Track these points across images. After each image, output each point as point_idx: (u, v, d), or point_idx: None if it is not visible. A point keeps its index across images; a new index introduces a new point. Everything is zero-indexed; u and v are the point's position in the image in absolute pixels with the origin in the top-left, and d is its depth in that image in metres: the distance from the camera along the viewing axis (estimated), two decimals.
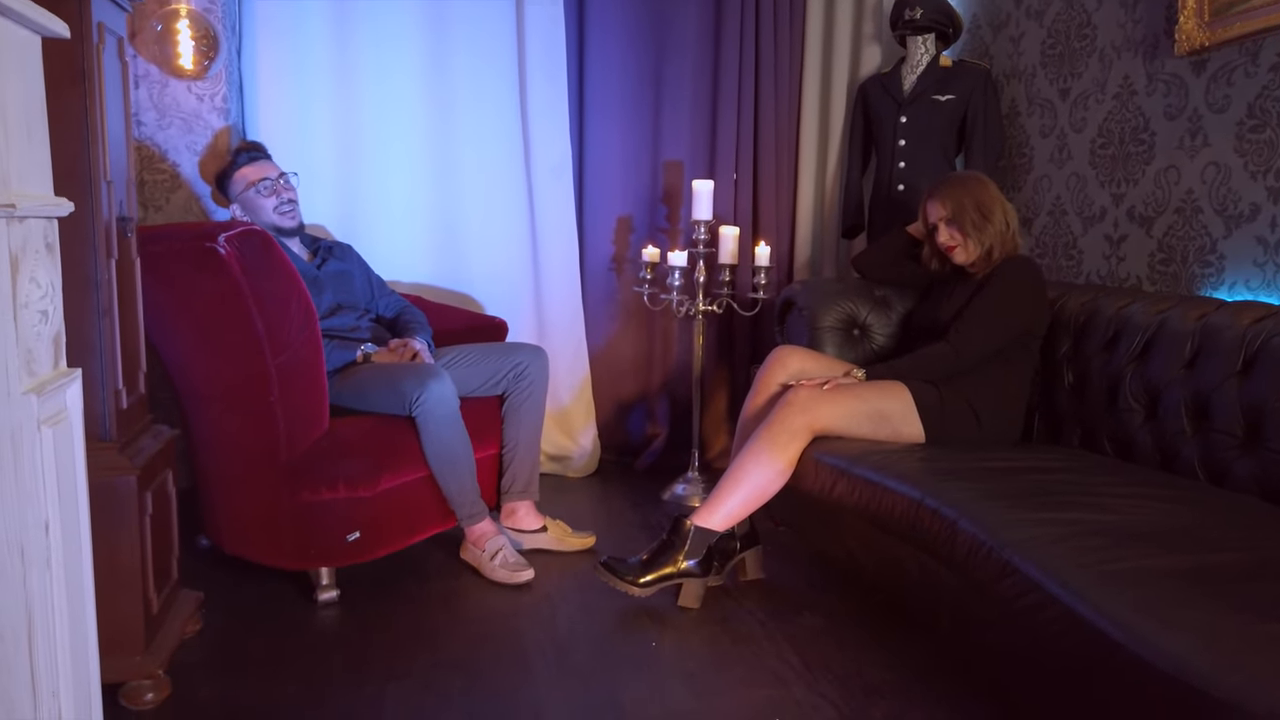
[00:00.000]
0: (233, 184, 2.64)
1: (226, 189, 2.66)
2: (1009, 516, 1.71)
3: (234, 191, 2.64)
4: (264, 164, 2.66)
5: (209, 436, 2.38)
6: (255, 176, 2.61)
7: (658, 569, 2.27)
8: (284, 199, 2.61)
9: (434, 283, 3.30)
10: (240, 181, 2.62)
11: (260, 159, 2.68)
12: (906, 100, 3.23)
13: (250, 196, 2.60)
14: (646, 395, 3.61)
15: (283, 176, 2.65)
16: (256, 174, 2.62)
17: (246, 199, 2.61)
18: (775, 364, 2.55)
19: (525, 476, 2.67)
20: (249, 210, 2.62)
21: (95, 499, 1.76)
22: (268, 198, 2.60)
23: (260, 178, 2.61)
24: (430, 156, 3.26)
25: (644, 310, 3.48)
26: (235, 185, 2.63)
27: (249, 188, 2.59)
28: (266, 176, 2.61)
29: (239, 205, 2.64)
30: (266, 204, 2.60)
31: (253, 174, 2.62)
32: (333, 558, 2.31)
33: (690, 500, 3.18)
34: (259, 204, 2.60)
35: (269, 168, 2.65)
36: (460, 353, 2.69)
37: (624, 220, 3.53)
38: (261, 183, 2.60)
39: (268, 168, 2.64)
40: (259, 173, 2.62)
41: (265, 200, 2.59)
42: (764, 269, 3.14)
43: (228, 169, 2.66)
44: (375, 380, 2.42)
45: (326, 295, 2.62)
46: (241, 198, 2.62)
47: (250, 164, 2.64)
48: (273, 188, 2.61)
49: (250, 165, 2.64)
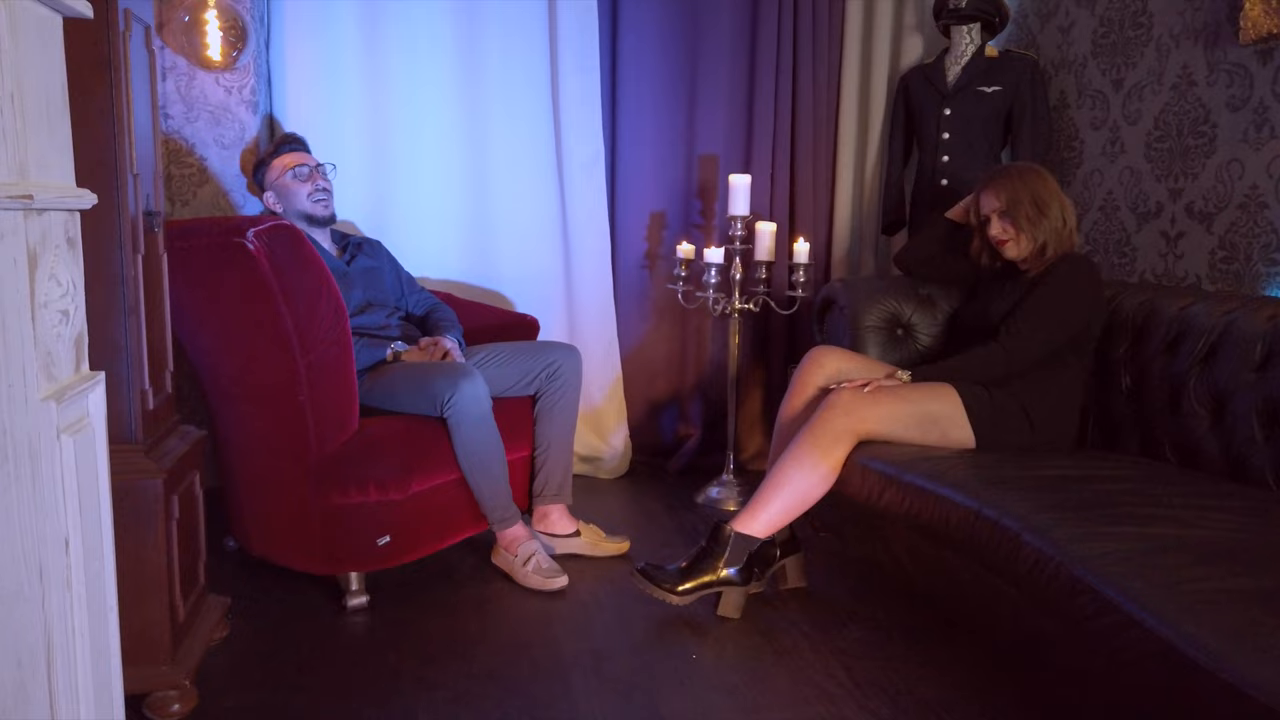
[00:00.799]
0: (269, 170, 2.60)
1: (262, 177, 2.62)
2: (1076, 530, 1.61)
3: (269, 179, 2.60)
4: (302, 153, 2.63)
5: (236, 436, 2.32)
6: (292, 162, 2.57)
7: (697, 577, 2.19)
8: (319, 186, 2.57)
9: (464, 279, 3.23)
10: (276, 168, 2.59)
11: (299, 149, 2.64)
12: (950, 92, 3.12)
13: (285, 182, 2.56)
14: (679, 395, 3.53)
15: (320, 166, 2.61)
16: (294, 160, 2.58)
17: (280, 185, 2.57)
18: (812, 365, 2.46)
19: (558, 479, 2.60)
20: (282, 197, 2.58)
21: (120, 503, 1.71)
22: (303, 184, 2.56)
23: (297, 163, 2.57)
24: (461, 151, 3.19)
25: (677, 308, 3.40)
26: (271, 172, 2.60)
27: (284, 172, 2.56)
28: (304, 163, 2.57)
29: (273, 193, 2.60)
30: (300, 190, 2.55)
31: (290, 160, 2.58)
32: (362, 562, 2.24)
33: (725, 504, 3.09)
34: (293, 190, 2.56)
35: (306, 156, 2.62)
36: (492, 352, 2.62)
37: (657, 216, 3.45)
38: (298, 168, 2.56)
39: (305, 156, 2.62)
40: (296, 159, 2.58)
41: (300, 187, 2.55)
42: (802, 266, 3.05)
43: (266, 157, 2.62)
44: (406, 380, 2.36)
45: (356, 292, 2.56)
46: (276, 184, 2.58)
47: (290, 153, 2.62)
48: (308, 174, 2.57)
49: (289, 154, 2.61)
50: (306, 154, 2.64)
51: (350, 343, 2.20)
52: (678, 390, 3.53)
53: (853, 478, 2.19)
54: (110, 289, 1.67)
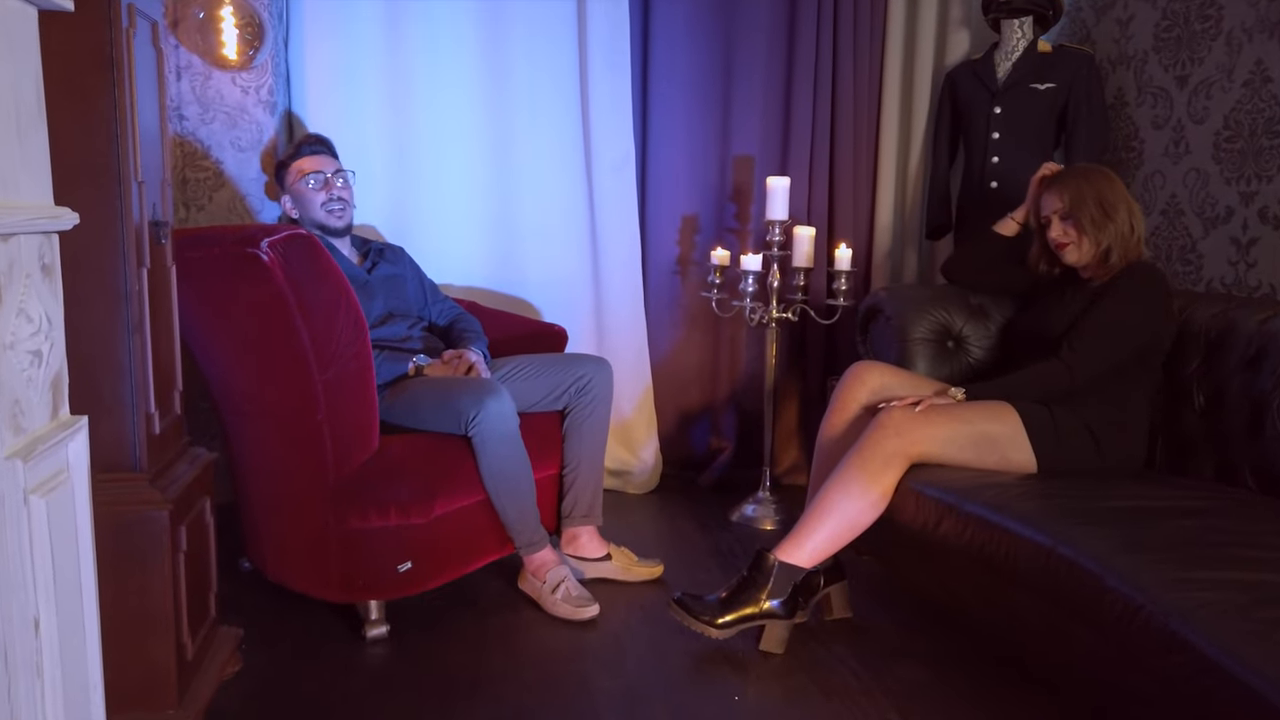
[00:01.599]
0: (287, 174, 2.49)
1: (282, 179, 2.51)
2: (1166, 574, 1.46)
3: (287, 182, 2.49)
4: (322, 158, 2.49)
5: (250, 455, 2.20)
6: (308, 168, 2.45)
7: (738, 609, 2.05)
8: (333, 196, 2.44)
9: (489, 286, 3.10)
10: (294, 172, 2.47)
11: (320, 153, 2.51)
12: (1001, 89, 2.96)
13: (299, 187, 2.45)
14: (712, 406, 3.39)
15: (338, 174, 2.48)
16: (310, 166, 2.46)
17: (296, 191, 2.46)
18: (854, 381, 2.31)
19: (588, 500, 2.46)
20: (298, 203, 2.47)
21: (124, 537, 1.59)
22: (317, 193, 2.43)
23: (313, 170, 2.44)
24: (486, 152, 3.05)
25: (710, 315, 3.26)
26: (289, 175, 2.48)
27: (300, 178, 2.44)
28: (320, 170, 2.45)
29: (288, 198, 2.49)
30: (315, 199, 2.43)
31: (307, 165, 2.46)
32: (382, 589, 2.12)
33: (761, 522, 2.95)
34: (307, 197, 2.44)
35: (325, 162, 2.48)
36: (518, 365, 2.49)
37: (689, 220, 3.30)
38: (314, 175, 2.43)
39: (324, 162, 2.48)
40: (313, 165, 2.46)
41: (314, 195, 2.43)
42: (844, 273, 2.90)
43: (286, 159, 2.51)
44: (428, 396, 2.23)
45: (377, 302, 2.43)
46: (293, 189, 2.47)
47: (309, 156, 2.48)
48: (323, 183, 2.44)
49: (308, 157, 2.48)
50: (327, 158, 2.50)
51: (370, 358, 2.08)
52: (710, 401, 3.39)
53: (906, 504, 2.04)
54: (113, 306, 1.55)
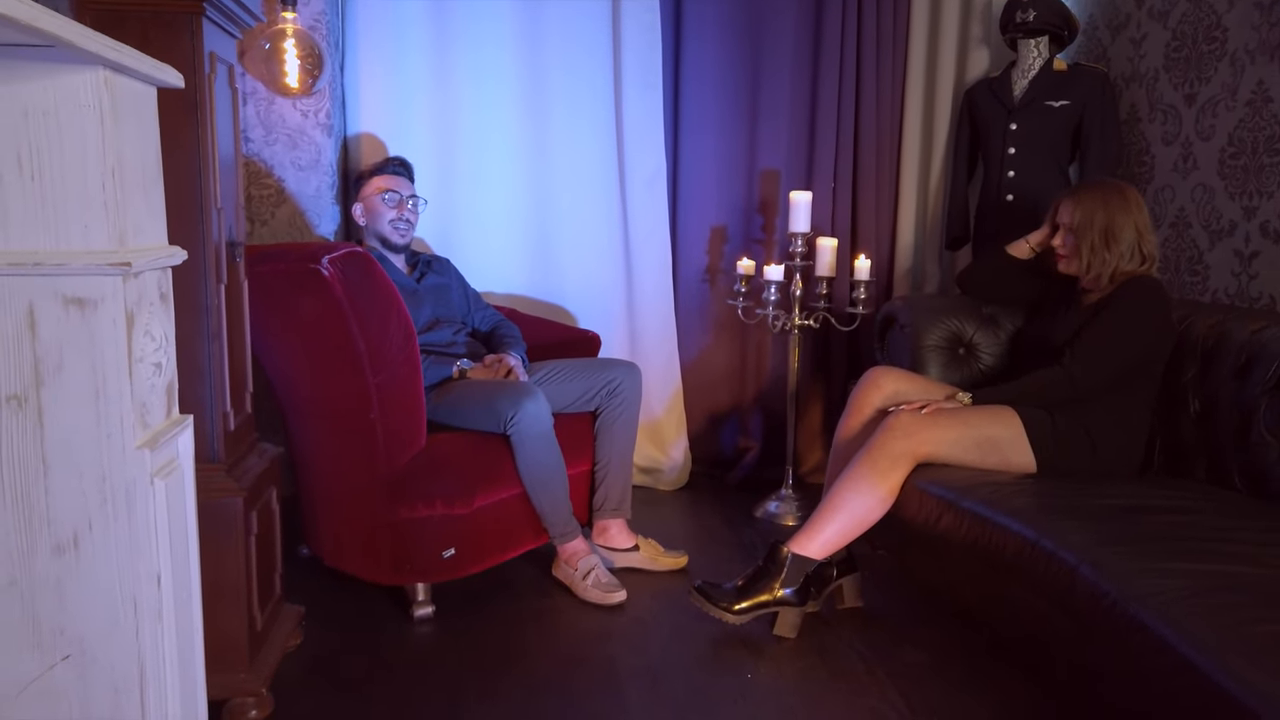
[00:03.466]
0: (366, 185, 2.72)
1: (359, 187, 2.74)
2: (1135, 565, 1.61)
3: (363, 192, 2.71)
4: (401, 180, 2.73)
5: (310, 451, 2.42)
6: (387, 185, 2.68)
7: (753, 596, 2.22)
8: (403, 216, 2.67)
9: (527, 293, 3.30)
10: (373, 185, 2.70)
11: (401, 175, 2.75)
12: (1017, 106, 3.09)
13: (374, 200, 2.67)
14: (739, 408, 3.56)
15: (412, 198, 2.71)
16: (389, 185, 2.69)
17: (370, 202, 2.68)
18: (869, 385, 2.47)
19: (617, 494, 2.65)
20: (368, 213, 2.69)
21: (203, 519, 1.80)
22: (390, 209, 2.66)
23: (391, 188, 2.67)
24: (525, 168, 3.26)
25: (737, 322, 3.42)
26: (367, 187, 2.71)
27: (377, 193, 2.66)
28: (397, 191, 2.68)
29: (361, 206, 2.71)
30: (386, 214, 2.66)
31: (387, 184, 2.69)
32: (428, 574, 2.32)
33: (784, 519, 3.11)
34: (379, 211, 2.66)
35: (403, 184, 2.72)
36: (554, 368, 2.68)
37: (718, 231, 3.47)
38: (389, 194, 2.66)
39: (402, 184, 2.72)
40: (392, 185, 2.69)
41: (386, 210, 2.66)
42: (864, 283, 3.05)
43: (368, 172, 2.74)
44: (471, 398, 2.43)
45: (425, 309, 2.64)
46: (366, 199, 2.69)
47: (391, 175, 2.72)
48: (397, 202, 2.67)
49: (390, 176, 2.72)
50: (405, 181, 2.73)
51: (419, 363, 2.28)
52: (738, 403, 3.56)
53: (910, 501, 2.20)
54: (195, 317, 1.77)
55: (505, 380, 2.51)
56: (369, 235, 2.72)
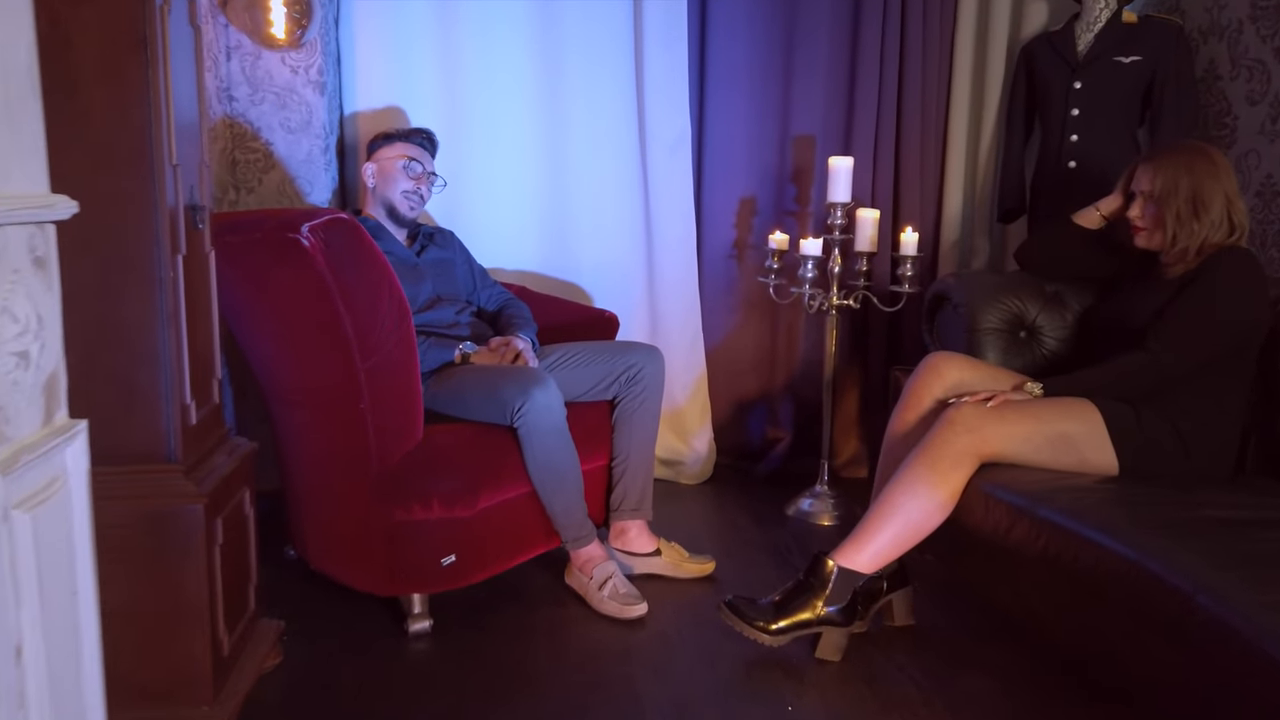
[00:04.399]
0: (386, 146, 2.46)
1: (377, 149, 2.48)
2: (1261, 596, 1.33)
3: (381, 153, 2.46)
4: (427, 154, 2.49)
5: (294, 443, 2.16)
6: (411, 154, 2.44)
7: (793, 614, 1.95)
8: (418, 190, 2.43)
9: (539, 270, 3.03)
10: (394, 149, 2.45)
11: (428, 149, 2.51)
12: (1081, 63, 2.78)
13: (392, 165, 2.42)
14: (768, 395, 3.28)
15: (432, 175, 2.48)
16: (414, 154, 2.45)
17: (386, 165, 2.43)
18: (929, 373, 2.19)
19: (637, 492, 2.38)
20: (381, 174, 2.44)
21: (157, 530, 1.55)
22: (408, 179, 2.42)
23: (415, 158, 2.44)
24: (537, 133, 2.97)
25: (767, 301, 3.14)
26: (388, 149, 2.45)
27: (399, 159, 2.42)
28: (420, 162, 2.45)
29: (374, 165, 2.45)
30: (401, 182, 2.41)
31: (411, 152, 2.45)
32: (426, 583, 2.07)
33: (819, 518, 2.84)
34: (394, 177, 2.41)
35: (427, 159, 2.49)
36: (567, 352, 2.41)
37: (747, 202, 3.19)
38: (413, 163, 2.43)
39: (426, 158, 2.48)
40: (416, 153, 2.45)
41: (403, 179, 2.41)
42: (909, 259, 2.76)
43: (393, 134, 2.48)
44: (474, 385, 2.16)
45: (425, 286, 2.38)
46: (383, 162, 2.44)
47: (418, 146, 2.48)
48: (418, 173, 2.43)
49: (417, 147, 2.47)
50: (429, 156, 2.49)
51: (415, 346, 2.02)
52: (766, 390, 3.28)
53: (975, 506, 1.92)
54: (147, 294, 1.51)
55: (513, 366, 2.24)
56: (374, 201, 2.45)
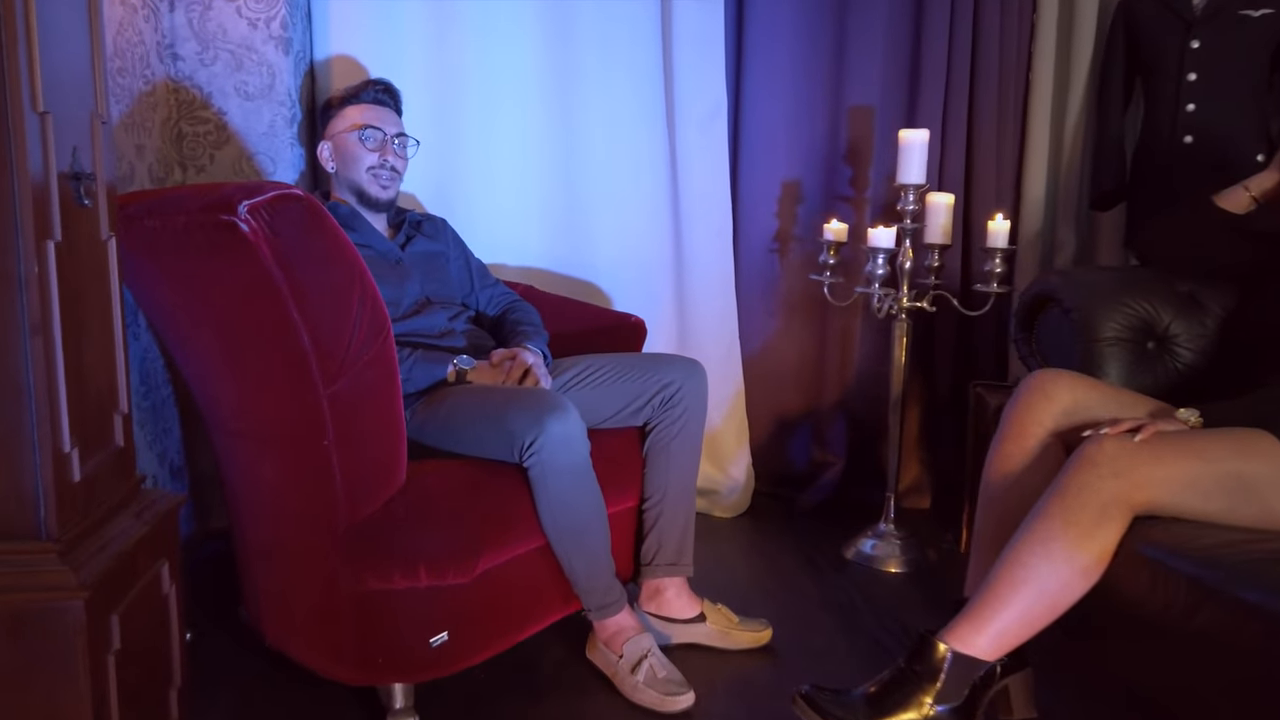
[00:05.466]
0: (336, 118, 2.00)
1: (326, 122, 2.03)
2: None
3: (332, 126, 2.00)
4: (386, 112, 2.02)
5: (242, 486, 1.69)
6: (364, 119, 1.97)
7: (895, 712, 1.49)
8: (386, 163, 1.97)
9: (548, 267, 2.56)
10: (345, 119, 1.98)
11: (386, 105, 2.03)
12: (1200, 18, 2.32)
13: (348, 140, 1.97)
14: (816, 412, 2.81)
15: (400, 137, 2.01)
16: (370, 118, 1.98)
17: (341, 141, 1.98)
18: (1036, 395, 1.71)
19: (675, 543, 1.92)
20: (339, 156, 1.99)
21: (21, 636, 1.08)
22: (368, 151, 1.95)
23: (370, 123, 1.97)
24: (546, 103, 2.49)
25: (814, 302, 2.69)
26: (337, 121, 2.00)
27: (352, 129, 1.96)
28: (379, 126, 1.97)
29: (330, 146, 2.00)
30: (364, 158, 1.95)
31: (366, 116, 1.98)
32: (410, 670, 1.60)
33: (884, 563, 2.37)
34: (354, 154, 1.96)
35: (388, 118, 2.01)
36: (587, 367, 1.95)
37: (790, 186, 2.72)
38: (369, 131, 1.96)
39: (387, 117, 2.01)
40: (374, 118, 1.98)
41: (363, 153, 1.95)
42: (999, 252, 2.29)
43: (340, 99, 2.02)
44: (472, 412, 1.70)
45: (411, 285, 1.92)
46: (337, 138, 1.98)
47: (371, 105, 2.00)
48: (379, 141, 1.96)
49: (370, 106, 2.00)
50: (391, 114, 2.03)
51: (395, 363, 1.55)
52: (813, 406, 2.81)
53: (1134, 575, 1.45)
54: (2, 296, 1.05)
55: (521, 387, 1.78)
56: (340, 186, 2.01)
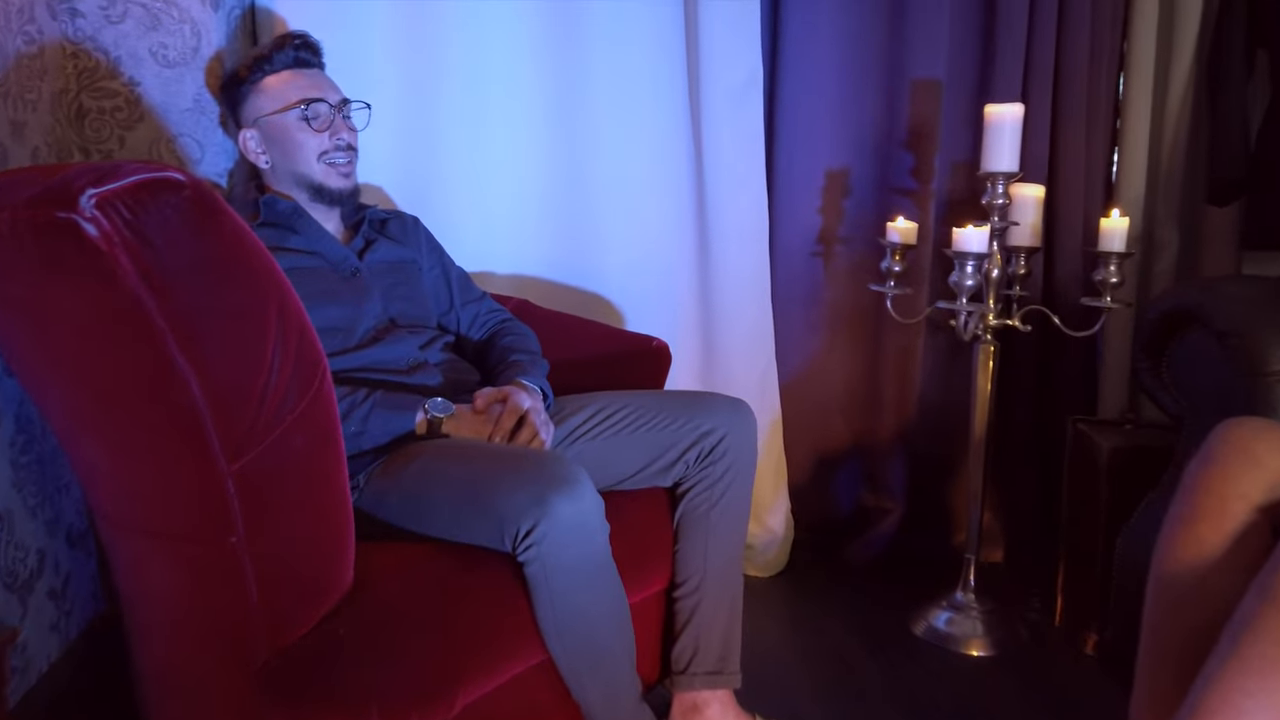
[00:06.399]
0: (254, 96, 1.52)
1: (240, 103, 1.54)
2: None
3: (252, 109, 1.52)
4: (319, 76, 1.54)
5: (127, 589, 1.23)
6: (300, 94, 1.49)
7: None
8: (340, 142, 1.50)
9: (547, 275, 2.07)
10: (271, 94, 1.50)
11: (314, 67, 1.55)
12: None
13: (285, 123, 1.49)
14: (867, 447, 2.35)
15: (345, 105, 1.54)
16: (306, 90, 1.50)
17: (277, 126, 1.50)
18: (1238, 459, 1.25)
19: (718, 643, 1.46)
20: (274, 145, 1.52)
21: None
22: (316, 134, 1.49)
23: (313, 95, 1.49)
24: (542, 77, 2.01)
25: (862, 316, 2.25)
26: (258, 99, 1.51)
27: (286, 109, 1.48)
28: (321, 95, 1.50)
29: (256, 136, 1.52)
30: (310, 144, 1.50)
31: (300, 85, 1.50)
32: None
33: (965, 643, 1.91)
34: (297, 140, 1.50)
35: (325, 84, 1.53)
36: (600, 411, 1.49)
37: (836, 177, 2.27)
38: (315, 104, 1.49)
39: (323, 84, 1.53)
40: (310, 88, 1.50)
41: (311, 137, 1.49)
42: (1115, 258, 1.83)
43: (247, 70, 1.52)
44: (449, 482, 1.24)
45: (370, 305, 1.47)
46: (266, 123, 1.50)
47: (298, 71, 1.52)
48: (327, 120, 1.49)
49: (296, 72, 1.52)
50: (322, 76, 1.55)
51: (335, 418, 1.09)
52: (863, 440, 2.35)
53: None
54: None
55: (514, 446, 1.32)
56: (281, 180, 1.55)
